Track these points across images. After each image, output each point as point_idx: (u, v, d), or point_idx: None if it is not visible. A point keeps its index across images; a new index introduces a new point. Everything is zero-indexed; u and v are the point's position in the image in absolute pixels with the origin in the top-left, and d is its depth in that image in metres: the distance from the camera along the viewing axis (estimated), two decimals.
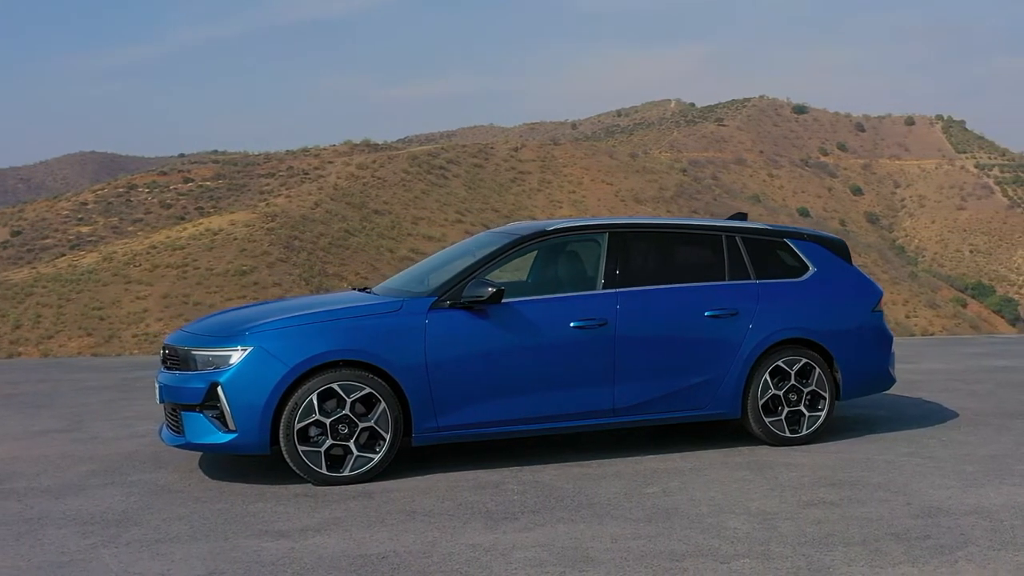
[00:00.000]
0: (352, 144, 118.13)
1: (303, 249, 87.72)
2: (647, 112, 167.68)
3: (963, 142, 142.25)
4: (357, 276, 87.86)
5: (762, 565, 4.39)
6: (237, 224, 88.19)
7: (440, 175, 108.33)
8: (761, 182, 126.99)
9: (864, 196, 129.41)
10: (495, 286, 6.08)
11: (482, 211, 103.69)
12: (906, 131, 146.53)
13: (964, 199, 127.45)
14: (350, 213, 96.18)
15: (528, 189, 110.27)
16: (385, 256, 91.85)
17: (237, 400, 5.77)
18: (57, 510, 5.45)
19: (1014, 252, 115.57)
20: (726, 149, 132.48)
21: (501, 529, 4.99)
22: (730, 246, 6.89)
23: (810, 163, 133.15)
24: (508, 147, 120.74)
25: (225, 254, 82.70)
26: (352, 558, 4.57)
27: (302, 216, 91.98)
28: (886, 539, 4.73)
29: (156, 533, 5.00)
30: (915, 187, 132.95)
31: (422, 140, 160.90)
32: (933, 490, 5.61)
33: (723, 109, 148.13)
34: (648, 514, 5.22)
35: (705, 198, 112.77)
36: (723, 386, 6.64)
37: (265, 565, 4.49)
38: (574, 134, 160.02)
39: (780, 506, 5.33)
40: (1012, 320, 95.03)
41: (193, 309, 75.14)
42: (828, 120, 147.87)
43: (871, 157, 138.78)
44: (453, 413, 6.09)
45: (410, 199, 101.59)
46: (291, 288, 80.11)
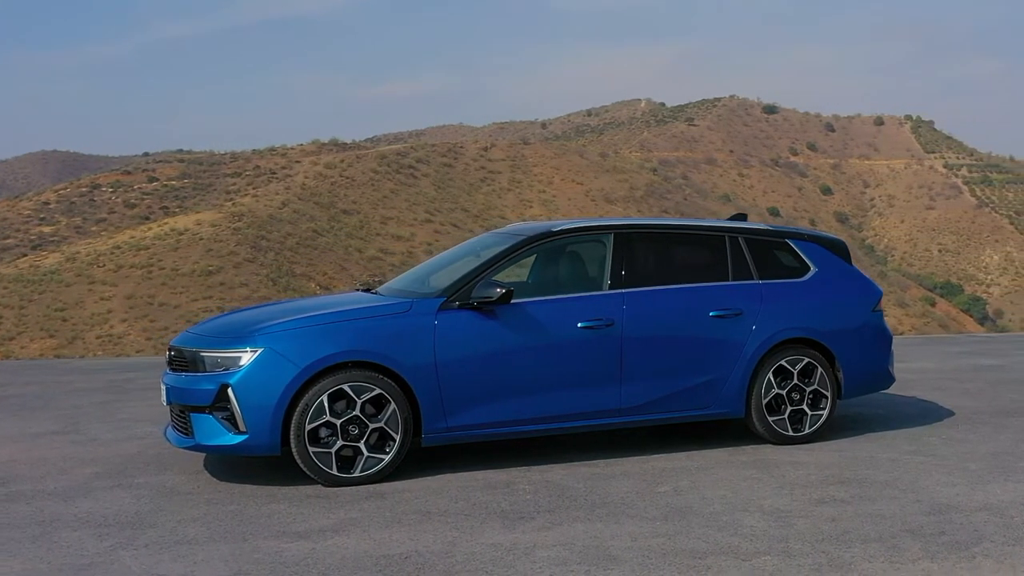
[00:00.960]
0: (320, 143, 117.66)
1: (270, 249, 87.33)
2: (617, 112, 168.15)
3: (932, 142, 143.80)
4: (325, 276, 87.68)
5: (784, 562, 4.48)
6: (203, 224, 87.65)
7: (409, 175, 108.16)
8: (731, 182, 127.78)
9: (834, 196, 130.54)
10: (504, 287, 6.14)
11: (452, 211, 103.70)
12: (875, 131, 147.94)
13: (933, 199, 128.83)
14: (318, 213, 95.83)
15: (498, 189, 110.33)
16: (354, 256, 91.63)
17: (248, 401, 5.79)
18: (68, 513, 5.46)
19: (982, 251, 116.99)
20: (696, 149, 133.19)
21: (519, 529, 5.05)
22: (733, 247, 6.99)
23: (780, 163, 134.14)
24: (478, 147, 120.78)
25: (191, 254, 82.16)
26: (375, 558, 4.61)
27: (269, 216, 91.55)
28: (902, 536, 4.84)
29: (172, 535, 5.02)
30: (884, 187, 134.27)
31: (391, 139, 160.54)
32: (941, 487, 5.73)
33: (693, 109, 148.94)
34: (663, 512, 5.30)
35: (675, 198, 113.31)
36: (727, 386, 6.73)
37: (288, 566, 4.53)
38: (544, 134, 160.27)
39: (792, 504, 5.43)
40: (980, 319, 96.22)
41: (159, 310, 74.70)
42: (798, 120, 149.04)
43: (841, 157, 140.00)
44: (462, 413, 6.14)
45: (379, 199, 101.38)
46: (258, 289, 79.76)
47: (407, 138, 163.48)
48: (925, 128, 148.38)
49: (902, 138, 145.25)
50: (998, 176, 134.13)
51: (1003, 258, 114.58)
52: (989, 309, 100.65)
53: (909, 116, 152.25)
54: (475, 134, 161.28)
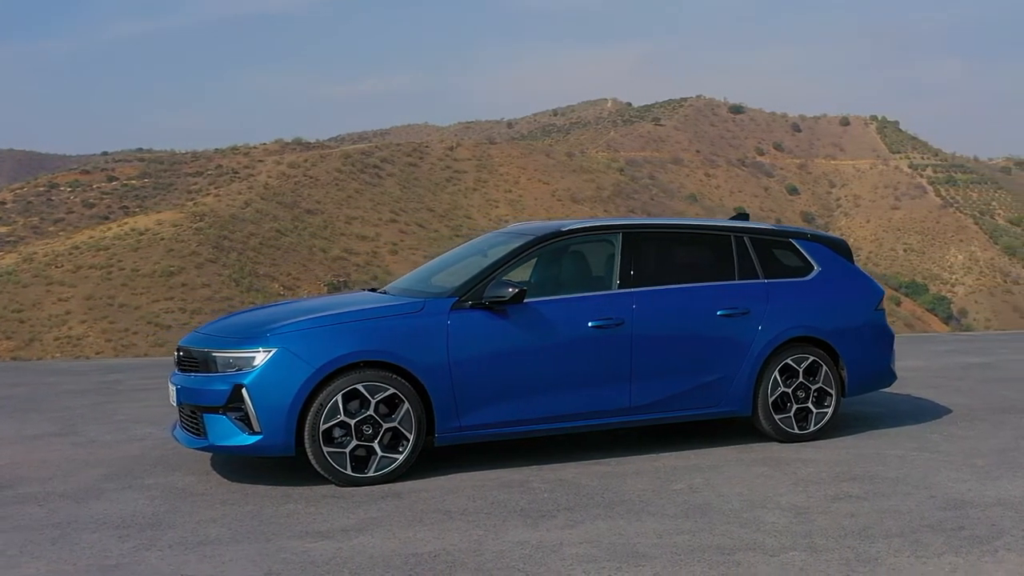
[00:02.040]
0: (283, 142, 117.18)
1: (233, 249, 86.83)
2: (583, 111, 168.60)
3: (897, 142, 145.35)
4: (289, 277, 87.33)
5: (812, 557, 4.57)
6: (164, 224, 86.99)
7: (374, 174, 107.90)
8: (698, 182, 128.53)
9: (800, 196, 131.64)
10: (517, 286, 6.20)
11: (417, 211, 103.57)
12: (841, 131, 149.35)
13: (898, 199, 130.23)
14: (281, 213, 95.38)
15: (464, 188, 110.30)
16: (318, 256, 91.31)
17: (262, 402, 5.81)
18: (84, 514, 5.45)
19: (947, 251, 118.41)
20: (663, 149, 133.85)
21: (543, 527, 5.11)
22: (739, 246, 7.09)
23: (747, 163, 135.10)
24: (443, 146, 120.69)
25: (151, 254, 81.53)
26: (404, 557, 4.65)
27: (232, 216, 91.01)
28: (923, 531, 4.94)
29: (194, 536, 5.03)
30: (850, 187, 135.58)
31: (355, 139, 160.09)
32: (952, 483, 5.85)
33: (660, 109, 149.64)
34: (682, 510, 5.38)
35: (642, 197, 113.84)
36: (735, 384, 6.83)
37: (319, 565, 4.56)
38: (510, 133, 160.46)
39: (809, 501, 5.52)
40: (945, 318, 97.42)
41: (119, 311, 74.11)
42: (764, 120, 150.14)
43: (807, 157, 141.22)
44: (475, 413, 6.19)
45: (343, 198, 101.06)
46: (220, 290, 79.37)
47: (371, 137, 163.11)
48: (890, 128, 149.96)
49: (868, 138, 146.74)
50: (962, 176, 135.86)
51: (967, 257, 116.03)
52: (954, 308, 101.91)
53: (875, 116, 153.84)
54: (440, 133, 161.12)
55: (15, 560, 4.69)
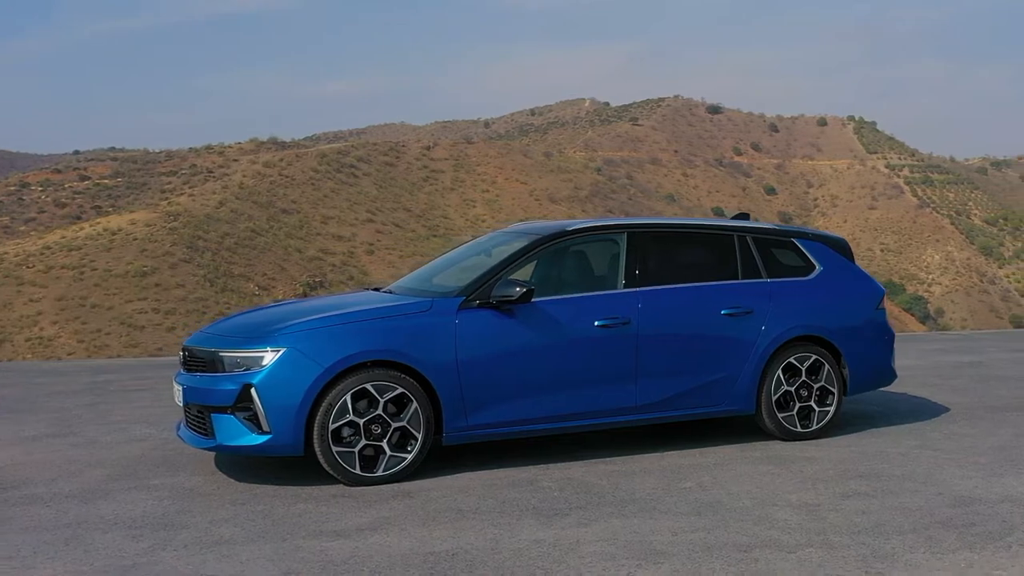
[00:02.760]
0: (258, 142, 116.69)
1: (207, 249, 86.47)
2: (561, 111, 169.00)
3: (874, 143, 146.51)
4: (264, 277, 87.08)
5: (828, 554, 4.63)
6: (137, 224, 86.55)
7: (350, 174, 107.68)
8: (676, 182, 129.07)
9: (778, 195, 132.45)
10: (525, 285, 6.24)
11: (394, 210, 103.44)
12: (819, 131, 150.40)
13: (875, 199, 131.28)
14: (256, 212, 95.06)
15: (441, 188, 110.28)
16: (293, 256, 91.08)
17: (271, 401, 5.82)
18: (93, 515, 5.45)
19: (923, 251, 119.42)
20: (641, 149, 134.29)
21: (557, 525, 5.15)
22: (742, 246, 7.15)
23: (724, 163, 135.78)
24: (420, 146, 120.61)
25: (124, 255, 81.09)
26: (422, 556, 4.68)
27: (206, 215, 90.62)
28: (934, 527, 5.02)
29: (208, 536, 5.05)
30: (827, 187, 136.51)
31: (330, 138, 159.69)
32: (957, 481, 5.93)
33: (638, 109, 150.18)
34: (693, 508, 5.43)
35: (620, 197, 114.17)
36: (739, 383, 6.90)
37: (337, 564, 4.58)
38: (487, 133, 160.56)
39: (818, 498, 5.59)
40: (922, 318, 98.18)
41: (91, 312, 73.67)
42: (742, 120, 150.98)
43: (784, 157, 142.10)
44: (483, 412, 6.23)
45: (319, 198, 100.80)
46: (195, 290, 79.06)
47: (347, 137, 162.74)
48: (868, 129, 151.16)
49: (845, 139, 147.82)
50: (939, 176, 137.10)
51: (944, 257, 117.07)
52: (930, 308, 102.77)
53: (852, 117, 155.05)
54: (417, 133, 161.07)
55: (30, 561, 4.69)
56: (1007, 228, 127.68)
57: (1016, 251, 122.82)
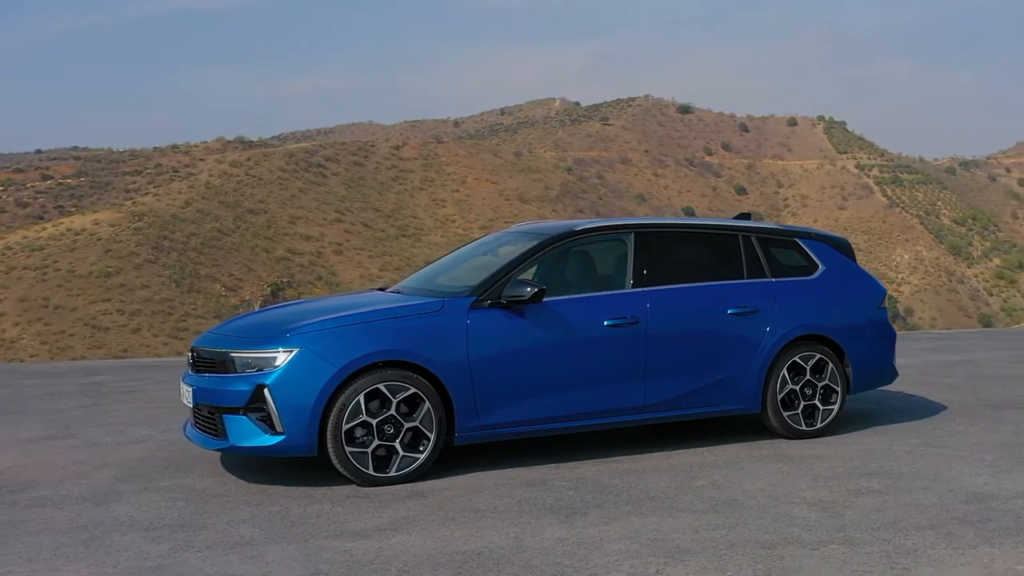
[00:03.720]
0: (225, 141, 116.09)
1: (173, 250, 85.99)
2: (531, 111, 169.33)
3: (844, 143, 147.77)
4: (231, 278, 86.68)
5: (852, 550, 4.71)
6: (101, 224, 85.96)
7: (318, 173, 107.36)
8: (646, 181, 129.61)
9: (748, 195, 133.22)
10: (536, 285, 6.28)
11: (363, 210, 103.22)
12: (789, 132, 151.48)
13: (845, 199, 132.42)
14: (223, 212, 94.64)
15: (410, 188, 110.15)
16: (261, 256, 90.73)
17: (285, 402, 5.84)
18: (108, 517, 5.44)
19: (893, 250, 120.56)
20: (611, 148, 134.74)
21: (577, 524, 5.20)
22: (747, 246, 7.24)
23: (695, 163, 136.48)
24: (389, 145, 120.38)
25: (88, 255, 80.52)
26: (448, 555, 4.72)
27: (172, 215, 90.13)
28: (952, 523, 5.11)
29: (228, 537, 5.06)
30: (798, 187, 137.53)
31: (298, 137, 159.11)
32: (966, 477, 6.04)
33: (608, 108, 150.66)
34: (710, 506, 5.50)
35: (590, 197, 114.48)
36: (745, 382, 6.98)
37: (364, 565, 4.61)
38: (457, 132, 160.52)
39: (832, 495, 5.67)
40: (892, 317, 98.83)
41: (54, 313, 73.04)
42: (712, 120, 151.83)
43: (755, 157, 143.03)
44: (494, 412, 6.27)
45: (287, 198, 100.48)
46: (160, 291, 78.62)
47: (315, 136, 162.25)
48: (837, 129, 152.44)
49: (815, 139, 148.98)
50: (908, 176, 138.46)
51: (913, 257, 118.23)
52: (900, 307, 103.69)
53: (822, 117, 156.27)
54: (386, 132, 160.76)
55: (52, 563, 4.69)
56: (975, 228, 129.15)
57: (984, 251, 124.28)
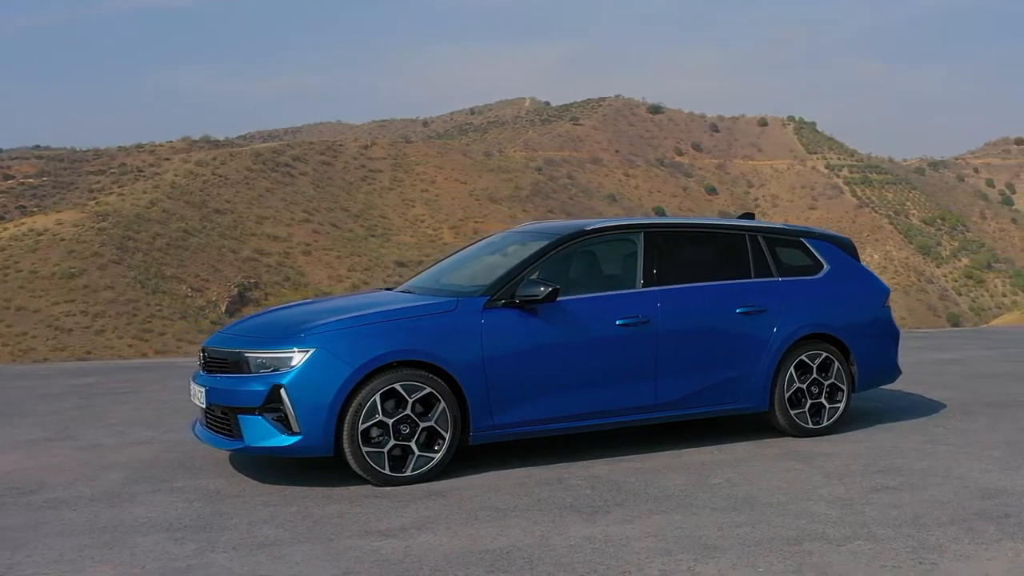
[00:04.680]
0: (191, 140, 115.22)
1: (138, 250, 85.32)
2: (501, 110, 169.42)
3: (814, 143, 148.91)
4: (198, 278, 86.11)
5: (878, 546, 4.79)
6: (64, 224, 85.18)
7: (286, 173, 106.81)
8: (617, 181, 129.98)
9: (719, 195, 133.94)
10: (550, 285, 6.34)
11: (331, 210, 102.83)
12: (759, 132, 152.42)
13: (815, 199, 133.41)
14: (189, 212, 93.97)
15: (379, 188, 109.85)
16: (228, 257, 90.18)
17: (301, 402, 5.86)
18: (126, 518, 5.44)
19: (863, 250, 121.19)
20: (582, 148, 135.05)
21: (600, 522, 5.25)
22: (753, 245, 7.33)
23: (665, 163, 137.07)
24: (357, 145, 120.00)
25: (51, 256, 79.77)
26: (478, 554, 4.76)
27: (137, 215, 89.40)
28: (971, 519, 5.21)
29: (252, 538, 5.07)
30: (768, 187, 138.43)
31: (265, 137, 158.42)
32: (978, 474, 6.15)
33: (578, 108, 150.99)
34: (730, 503, 5.57)
35: (561, 197, 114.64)
36: (753, 380, 7.07)
37: (394, 564, 4.64)
38: (426, 132, 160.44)
39: (848, 493, 5.76)
40: None
41: (16, 315, 72.29)
42: (683, 120, 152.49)
43: (725, 157, 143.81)
44: (509, 411, 6.32)
45: (254, 197, 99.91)
46: (125, 291, 78.04)
47: (282, 135, 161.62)
48: (808, 129, 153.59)
49: (785, 139, 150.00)
50: (877, 177, 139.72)
51: (883, 256, 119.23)
52: None
53: (792, 117, 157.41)
54: (354, 132, 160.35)
55: (78, 565, 4.69)
56: (944, 228, 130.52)
57: (953, 250, 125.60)
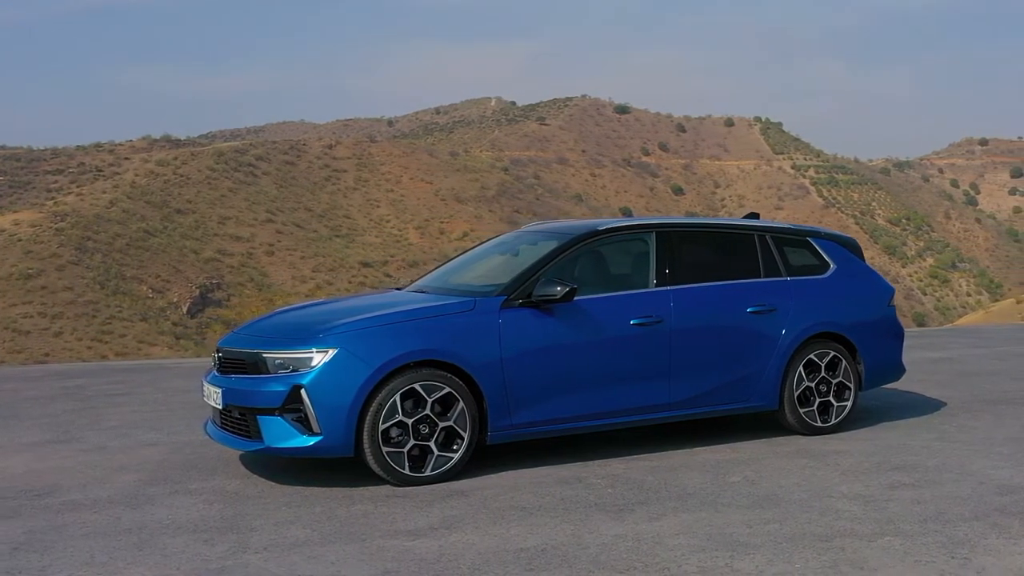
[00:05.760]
0: (151, 139, 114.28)
1: (98, 251, 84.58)
2: (467, 110, 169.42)
3: (780, 143, 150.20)
4: (158, 279, 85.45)
5: (909, 542, 4.89)
6: (21, 224, 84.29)
7: (248, 172, 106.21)
8: (584, 181, 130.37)
9: (685, 196, 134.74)
10: (567, 284, 6.40)
11: (295, 210, 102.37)
12: (726, 132, 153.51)
13: (782, 199, 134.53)
14: (150, 212, 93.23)
15: (344, 188, 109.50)
16: (189, 257, 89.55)
17: (322, 402, 5.88)
18: (149, 519, 5.44)
19: None
20: (548, 148, 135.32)
21: (628, 520, 5.31)
22: (763, 245, 7.43)
23: (632, 163, 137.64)
24: (321, 144, 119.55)
25: (8, 256, 78.92)
26: (513, 552, 4.80)
27: (96, 216, 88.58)
28: (994, 514, 5.32)
29: (281, 538, 5.09)
30: (735, 187, 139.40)
31: (227, 136, 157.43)
32: (991, 470, 6.27)
33: (545, 108, 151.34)
34: (753, 501, 5.65)
35: (527, 197, 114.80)
36: (764, 379, 7.17)
37: (432, 563, 4.68)
38: (391, 132, 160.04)
39: (867, 489, 5.86)
40: None
41: None
42: (650, 120, 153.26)
43: (692, 157, 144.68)
44: (526, 411, 6.38)
45: (216, 197, 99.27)
46: (84, 293, 77.34)
47: (245, 135, 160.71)
48: (774, 130, 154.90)
49: (751, 139, 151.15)
50: (843, 177, 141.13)
51: None
52: None
53: (758, 118, 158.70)
54: (318, 131, 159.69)
55: (113, 567, 4.69)
56: (909, 228, 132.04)
57: (918, 250, 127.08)
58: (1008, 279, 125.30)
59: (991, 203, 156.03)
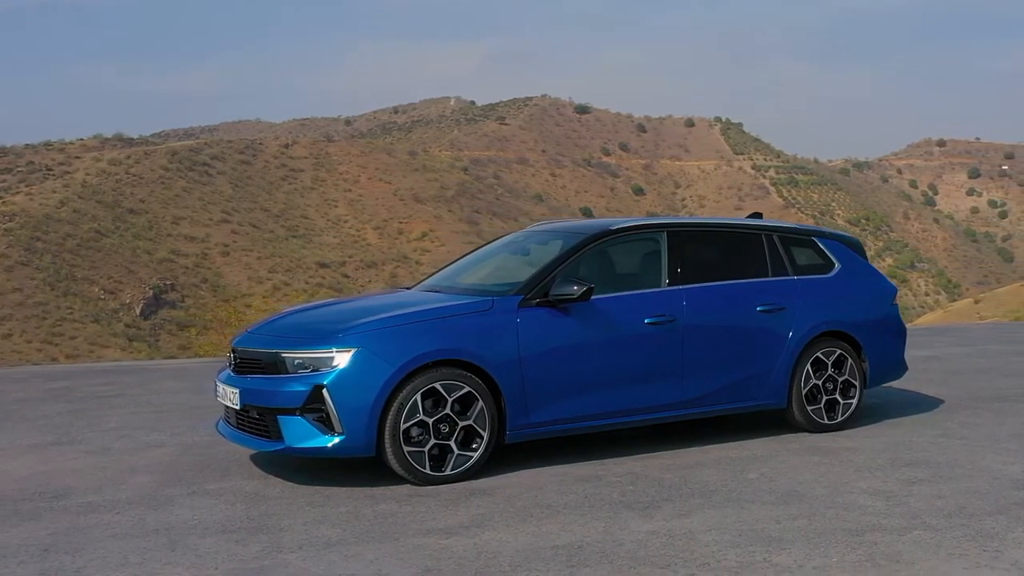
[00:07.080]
0: (103, 138, 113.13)
1: (47, 252, 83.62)
2: (425, 109, 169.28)
3: (741, 144, 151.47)
4: (111, 280, 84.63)
5: (938, 536, 5.01)
6: None
7: (203, 172, 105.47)
8: (544, 181, 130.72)
9: (646, 196, 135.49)
10: (584, 284, 6.48)
11: (250, 210, 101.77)
12: (686, 132, 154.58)
13: (742, 199, 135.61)
14: (101, 212, 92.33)
15: (300, 187, 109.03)
16: (142, 258, 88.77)
17: (344, 402, 5.92)
18: (174, 520, 5.45)
19: None
20: (508, 148, 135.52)
21: (657, 517, 5.40)
22: (770, 244, 7.57)
23: (592, 163, 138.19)
24: (278, 144, 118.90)
25: None
26: (550, 550, 4.87)
27: (45, 216, 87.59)
28: (1015, 508, 5.46)
29: (313, 538, 5.12)
30: (695, 187, 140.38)
31: (181, 135, 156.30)
32: (1002, 466, 6.43)
33: (504, 108, 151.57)
34: (776, 497, 5.76)
35: (487, 197, 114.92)
36: (773, 377, 7.29)
37: (471, 560, 4.74)
38: (349, 131, 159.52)
39: (886, 485, 5.99)
40: None
41: None
42: (610, 120, 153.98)
43: (652, 157, 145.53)
44: (544, 409, 6.45)
45: (170, 197, 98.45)
46: (33, 294, 76.48)
47: (199, 134, 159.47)
48: (734, 130, 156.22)
49: (712, 140, 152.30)
50: (803, 177, 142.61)
51: None
52: None
53: (719, 118, 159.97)
54: (274, 130, 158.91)
55: (149, 567, 4.70)
56: (869, 228, 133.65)
57: (878, 250, 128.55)
58: (966, 279, 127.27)
59: (949, 203, 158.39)
